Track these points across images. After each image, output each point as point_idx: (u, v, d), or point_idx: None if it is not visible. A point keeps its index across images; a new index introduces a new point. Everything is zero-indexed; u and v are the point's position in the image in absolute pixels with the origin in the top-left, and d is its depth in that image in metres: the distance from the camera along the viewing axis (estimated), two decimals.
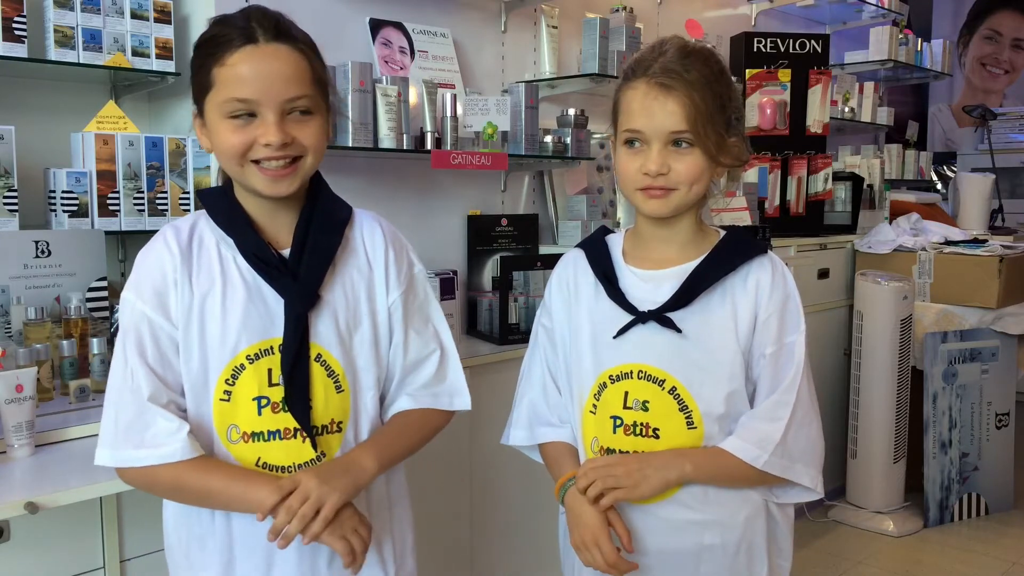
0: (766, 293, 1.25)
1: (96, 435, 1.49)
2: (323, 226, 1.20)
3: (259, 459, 1.16)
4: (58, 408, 1.60)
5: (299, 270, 1.17)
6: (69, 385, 1.64)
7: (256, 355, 1.16)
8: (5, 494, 1.27)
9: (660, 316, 1.24)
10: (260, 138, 1.10)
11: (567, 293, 1.36)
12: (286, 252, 1.18)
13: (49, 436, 1.49)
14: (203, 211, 1.22)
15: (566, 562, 1.42)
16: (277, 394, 1.16)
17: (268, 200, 1.17)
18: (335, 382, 1.19)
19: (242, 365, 1.15)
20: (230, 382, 1.15)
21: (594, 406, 1.29)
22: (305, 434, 1.16)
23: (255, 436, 1.16)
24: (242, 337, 1.15)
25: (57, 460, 1.43)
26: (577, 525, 1.25)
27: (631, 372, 1.26)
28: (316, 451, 1.17)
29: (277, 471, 1.16)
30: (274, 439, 1.16)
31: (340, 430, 1.20)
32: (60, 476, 1.36)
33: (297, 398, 1.15)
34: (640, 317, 1.25)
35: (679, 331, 1.24)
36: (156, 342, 1.15)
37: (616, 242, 1.36)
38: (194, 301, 1.15)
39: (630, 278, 1.30)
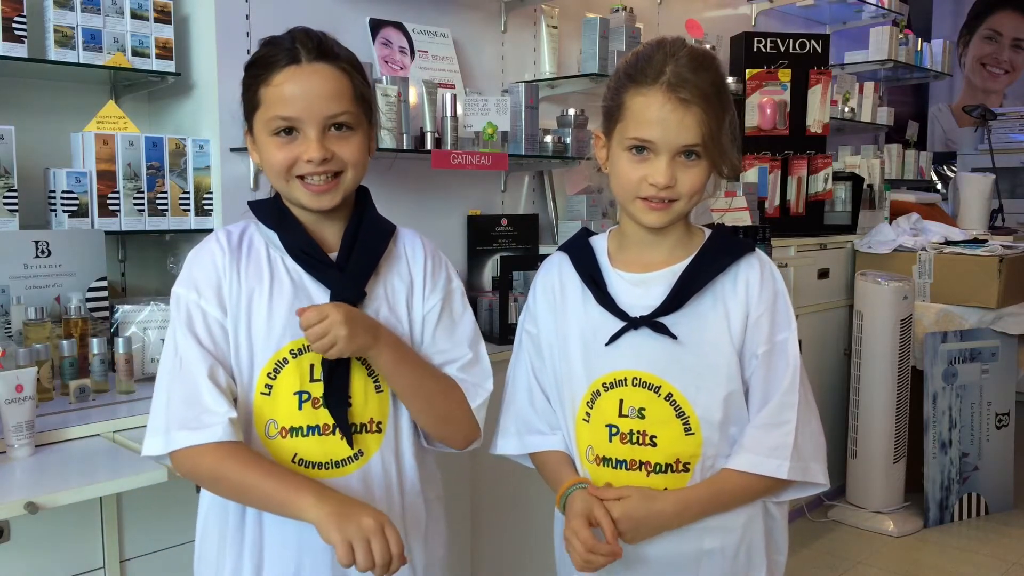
0: (756, 292, 1.24)
1: (96, 435, 1.52)
2: (370, 233, 1.24)
3: (295, 455, 1.18)
4: (58, 408, 1.60)
5: (346, 267, 1.20)
6: (69, 385, 1.64)
7: (300, 350, 1.18)
8: (5, 494, 1.27)
9: (653, 322, 1.23)
10: (303, 155, 1.15)
11: (552, 299, 1.33)
12: (333, 256, 1.22)
13: (49, 436, 1.49)
14: (253, 219, 1.25)
15: (561, 568, 1.41)
16: (318, 390, 1.18)
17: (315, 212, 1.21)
18: (375, 381, 1.21)
19: (285, 359, 1.18)
20: (272, 376, 1.18)
21: (587, 414, 1.27)
22: (343, 433, 1.18)
23: (293, 431, 1.17)
24: (286, 332, 1.17)
25: (57, 460, 1.43)
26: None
27: (625, 379, 1.24)
28: (352, 449, 1.19)
29: (312, 467, 1.18)
30: (312, 435, 1.18)
31: (380, 430, 1.21)
32: (60, 476, 1.36)
33: (335, 394, 1.17)
34: (632, 323, 1.23)
35: (674, 337, 1.22)
36: (210, 332, 1.17)
37: (600, 244, 1.33)
38: (242, 295, 1.18)
39: (618, 282, 1.28)
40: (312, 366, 1.18)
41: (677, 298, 1.23)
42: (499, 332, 2.37)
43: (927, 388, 3.32)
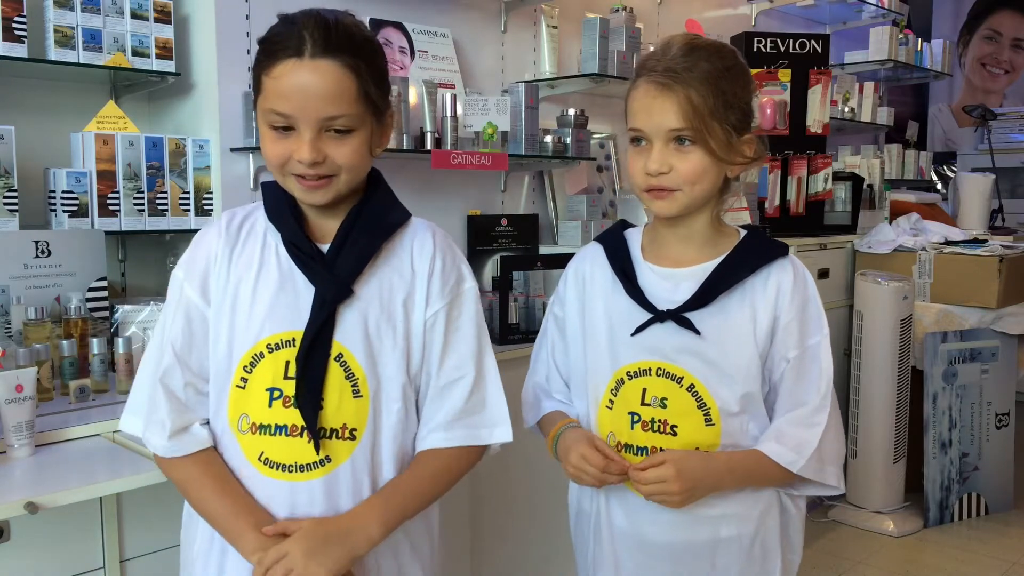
0: (787, 297, 1.25)
1: (96, 435, 1.52)
2: (368, 225, 1.18)
3: (262, 453, 1.15)
4: (58, 408, 1.60)
5: (336, 263, 1.16)
6: (69, 385, 1.64)
7: (277, 345, 1.14)
8: (5, 494, 1.27)
9: (679, 316, 1.24)
10: (295, 153, 1.10)
11: (582, 286, 1.36)
12: (327, 248, 1.17)
13: (49, 436, 1.49)
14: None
15: (581, 562, 1.42)
16: (290, 388, 1.13)
17: None
18: (353, 386, 1.15)
19: (261, 353, 1.14)
20: (248, 369, 1.15)
21: (611, 401, 1.30)
22: (311, 436, 1.13)
23: (262, 428, 1.14)
24: (266, 324, 1.14)
25: (57, 460, 1.43)
26: (567, 460, 1.27)
27: (649, 369, 1.26)
28: (319, 454, 1.14)
29: (277, 468, 1.14)
30: (280, 434, 1.14)
31: (354, 438, 1.15)
32: (60, 476, 1.36)
33: (307, 394, 1.12)
34: (659, 316, 1.25)
35: (698, 332, 1.24)
36: (189, 322, 1.17)
37: (635, 237, 1.35)
38: (229, 283, 1.17)
39: (648, 275, 1.29)
40: (288, 363, 1.14)
41: (705, 295, 1.24)
42: (499, 332, 2.36)
43: (927, 388, 3.32)
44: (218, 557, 1.18)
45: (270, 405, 1.14)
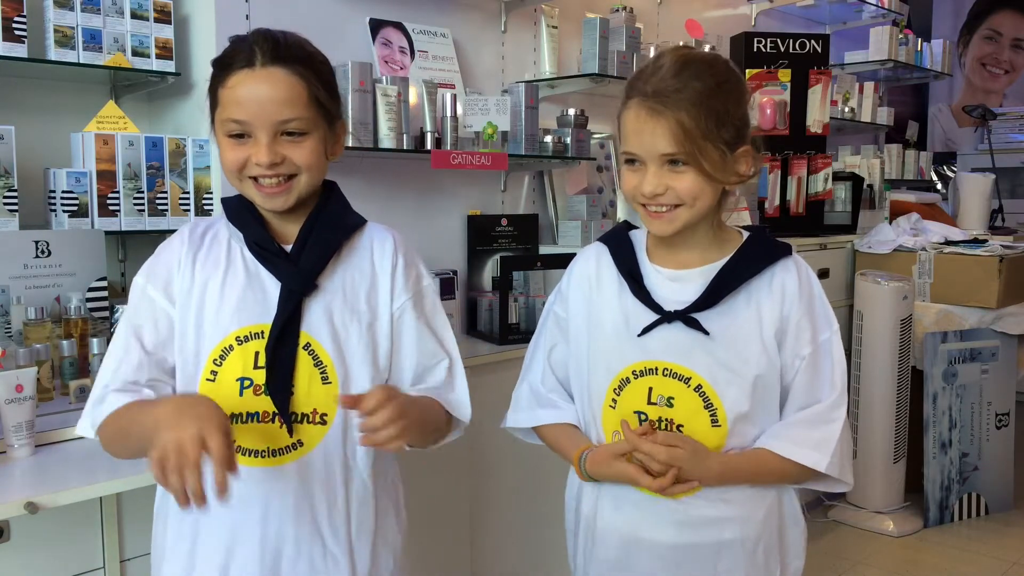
0: (793, 296, 1.26)
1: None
2: (329, 225, 1.24)
3: (234, 442, 1.14)
4: (58, 408, 1.60)
5: (300, 259, 1.21)
6: (69, 385, 1.64)
7: (246, 337, 1.18)
8: (5, 494, 1.28)
9: (686, 316, 1.25)
10: (253, 157, 1.16)
11: (587, 287, 1.36)
12: (289, 248, 1.23)
13: (49, 436, 1.49)
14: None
15: (573, 559, 1.42)
16: (261, 377, 1.18)
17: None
18: (322, 373, 1.20)
19: (231, 346, 1.18)
20: (218, 362, 1.19)
21: (614, 400, 1.30)
22: (283, 420, 1.18)
23: (234, 418, 1.17)
24: (235, 319, 1.19)
25: (57, 460, 1.43)
26: (628, 476, 1.26)
27: (656, 368, 1.27)
28: (292, 437, 1.19)
29: (252, 455, 1.18)
30: (252, 421, 1.18)
31: (324, 422, 1.20)
32: (60, 476, 1.36)
33: (278, 380, 1.17)
34: (666, 316, 1.26)
35: (706, 333, 1.24)
36: (154, 322, 1.21)
37: (640, 239, 1.36)
38: (195, 285, 1.20)
39: (655, 276, 1.30)
40: (257, 353, 1.18)
41: (712, 295, 1.25)
42: (499, 332, 2.37)
43: (927, 388, 3.32)
44: (188, 546, 1.20)
45: (241, 394, 1.18)
